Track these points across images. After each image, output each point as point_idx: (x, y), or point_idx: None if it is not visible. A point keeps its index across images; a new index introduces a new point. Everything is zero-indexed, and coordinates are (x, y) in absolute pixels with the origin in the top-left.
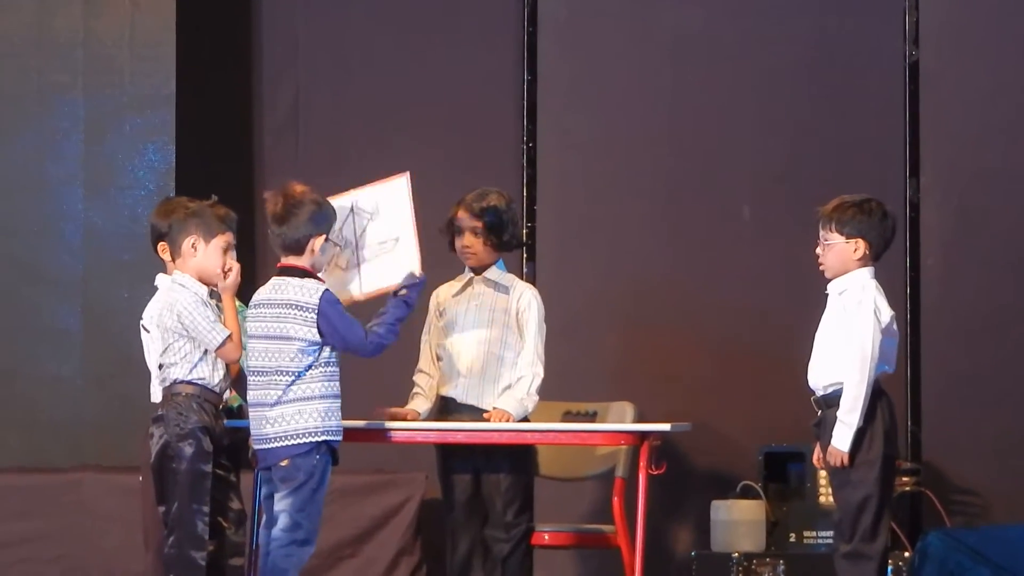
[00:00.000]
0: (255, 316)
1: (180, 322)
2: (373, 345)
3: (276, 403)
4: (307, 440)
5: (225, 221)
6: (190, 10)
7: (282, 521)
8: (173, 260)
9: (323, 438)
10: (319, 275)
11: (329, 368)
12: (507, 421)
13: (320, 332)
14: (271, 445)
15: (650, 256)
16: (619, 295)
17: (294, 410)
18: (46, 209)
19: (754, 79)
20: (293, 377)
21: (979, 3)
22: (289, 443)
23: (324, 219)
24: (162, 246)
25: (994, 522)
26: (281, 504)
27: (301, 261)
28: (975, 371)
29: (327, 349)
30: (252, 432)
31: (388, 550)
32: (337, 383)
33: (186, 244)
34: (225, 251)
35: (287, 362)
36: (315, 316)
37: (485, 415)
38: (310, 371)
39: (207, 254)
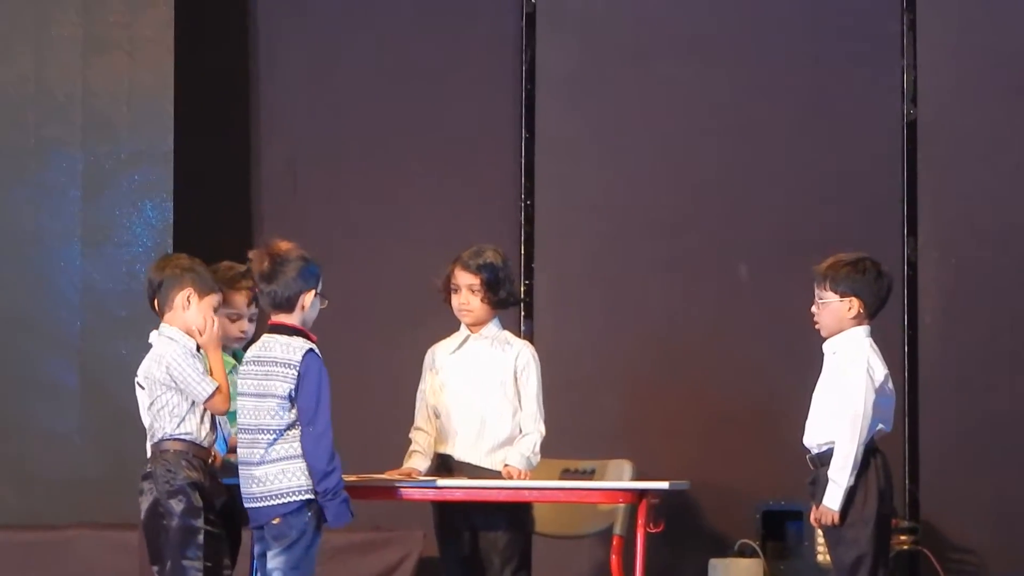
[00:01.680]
0: (245, 373)
1: (169, 374)
2: (325, 451)
3: (260, 462)
4: (293, 499)
5: (219, 282)
6: (188, 66)
7: None
8: (162, 314)
9: (308, 496)
10: (309, 332)
11: (297, 430)
12: (523, 477)
13: (295, 389)
14: (259, 504)
15: (648, 314)
16: (617, 353)
17: (278, 469)
18: (43, 264)
19: (752, 136)
20: (275, 435)
21: (977, 62)
22: (275, 503)
23: (312, 274)
24: (157, 301)
25: None
26: (274, 562)
27: (291, 319)
28: (973, 429)
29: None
30: (241, 491)
31: None
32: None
33: (179, 297)
34: (215, 310)
35: (269, 419)
36: (296, 373)
37: (504, 472)
38: (292, 429)
39: (198, 309)
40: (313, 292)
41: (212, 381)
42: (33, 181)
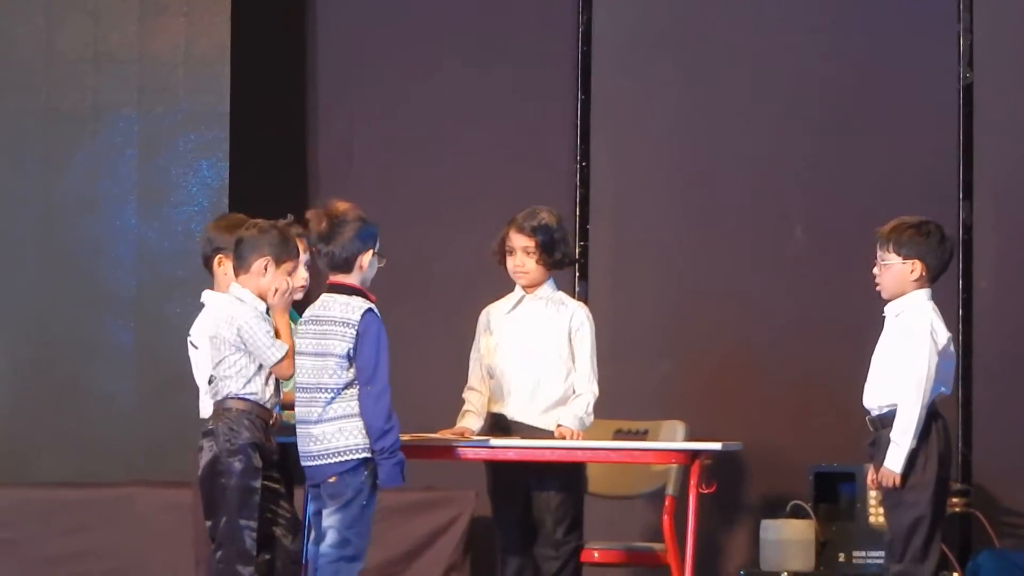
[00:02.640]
0: (303, 333)
1: (240, 336)
2: (383, 410)
3: (318, 420)
4: (350, 458)
5: (295, 248)
6: (245, 28)
7: (330, 537)
8: (236, 275)
9: (365, 455)
10: (368, 292)
11: (355, 389)
12: (576, 438)
13: (354, 348)
14: (316, 463)
15: (702, 275)
16: (671, 314)
17: (335, 428)
18: (100, 226)
19: (808, 100)
20: (333, 394)
21: None
22: (332, 461)
23: (370, 235)
24: (219, 259)
25: None
26: (329, 520)
27: (350, 278)
28: None
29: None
30: (299, 449)
31: (437, 568)
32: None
33: (257, 264)
34: (290, 275)
35: (327, 378)
36: (355, 332)
37: (557, 433)
38: (350, 388)
39: (275, 276)
40: (371, 252)
41: (282, 345)
42: (90, 143)
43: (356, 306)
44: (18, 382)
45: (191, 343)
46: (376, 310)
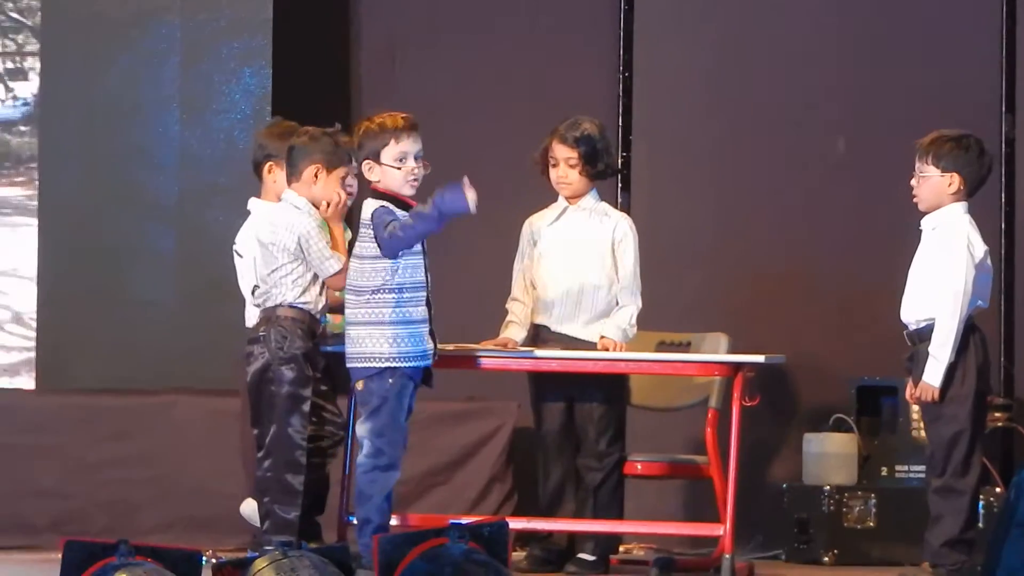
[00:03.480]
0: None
1: (299, 245)
2: (387, 245)
3: (353, 323)
4: (374, 365)
5: (348, 153)
6: None
7: (365, 447)
8: (289, 183)
9: (389, 364)
10: (402, 196)
11: (405, 294)
12: (619, 349)
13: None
14: (350, 365)
15: (745, 187)
16: (714, 226)
17: (365, 332)
18: (142, 132)
19: (852, 12)
20: (365, 296)
21: None
22: (359, 365)
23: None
24: (270, 167)
25: None
26: (362, 429)
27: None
28: None
29: (398, 272)
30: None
31: (480, 478)
32: (418, 308)
33: (308, 171)
34: (342, 182)
35: (359, 280)
36: (371, 230)
37: (600, 344)
38: (379, 294)
39: (327, 184)
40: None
41: (339, 257)
42: (133, 49)
43: (371, 204)
44: (59, 287)
45: (236, 252)
46: (390, 206)
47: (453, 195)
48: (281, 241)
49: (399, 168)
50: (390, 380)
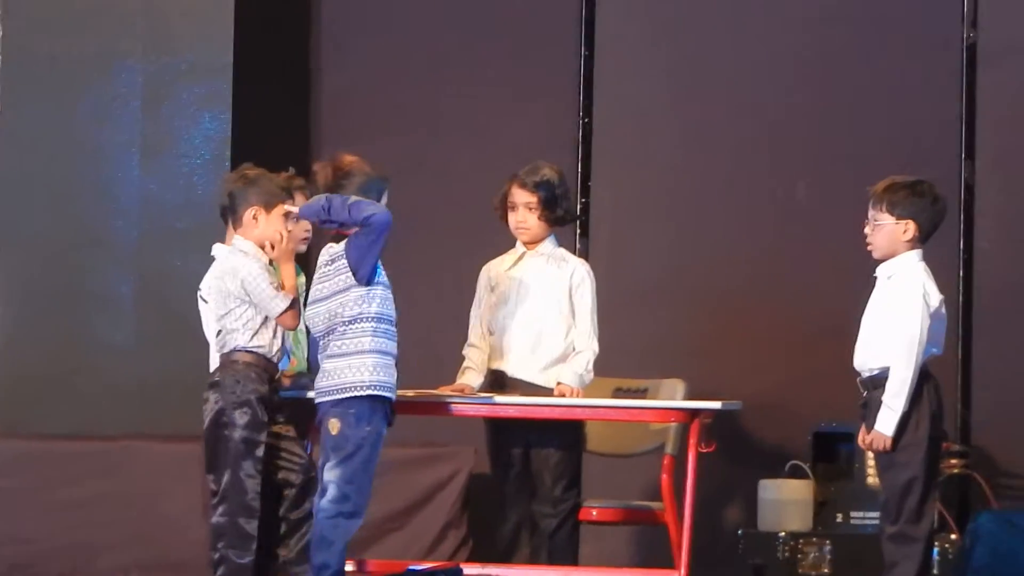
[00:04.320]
0: (321, 276)
1: (243, 288)
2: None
3: (329, 356)
4: (354, 394)
5: (286, 189)
6: None
7: (330, 492)
8: (234, 228)
9: (369, 392)
10: None
11: (382, 325)
12: (576, 395)
13: (348, 259)
14: (323, 399)
15: (703, 233)
16: (672, 271)
17: (344, 363)
18: (103, 175)
19: (812, 58)
20: (344, 328)
21: None
22: (336, 397)
23: (374, 187)
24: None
25: None
26: (330, 474)
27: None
28: None
29: (375, 302)
30: (315, 387)
31: (435, 523)
32: (391, 341)
33: (247, 214)
34: (285, 219)
35: (339, 315)
36: (344, 256)
37: (557, 390)
38: (358, 324)
39: (268, 224)
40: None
41: (286, 296)
42: (94, 92)
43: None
44: (18, 330)
45: (201, 297)
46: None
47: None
48: (227, 287)
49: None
50: (367, 427)
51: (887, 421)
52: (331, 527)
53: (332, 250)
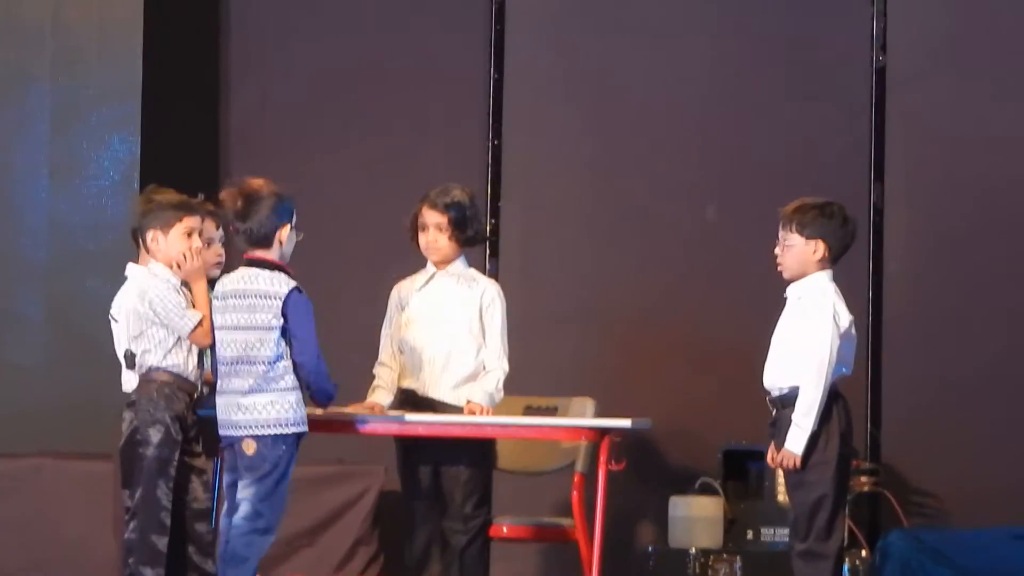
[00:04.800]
0: (225, 307)
1: (152, 308)
2: (322, 374)
3: (248, 391)
4: (279, 432)
5: (182, 207)
6: (158, 2)
7: (243, 509)
8: (146, 254)
9: (293, 430)
10: (287, 267)
11: (288, 361)
12: (486, 414)
13: (284, 317)
14: (240, 432)
15: (613, 253)
16: (582, 291)
17: (267, 400)
18: (10, 197)
19: (722, 81)
20: (266, 367)
21: (946, 10)
22: (257, 433)
23: (286, 209)
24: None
25: (951, 524)
26: (244, 492)
27: (270, 254)
28: (935, 375)
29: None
30: (220, 419)
31: (346, 540)
32: (295, 375)
33: (149, 238)
34: (189, 236)
35: (260, 351)
36: (280, 304)
37: (467, 409)
38: (281, 362)
39: (169, 244)
40: (288, 226)
41: (195, 314)
42: (2, 115)
43: (282, 281)
44: None
45: (112, 317)
46: (300, 288)
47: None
48: (137, 308)
49: (298, 239)
50: (283, 447)
51: (796, 439)
52: (245, 544)
53: (254, 278)
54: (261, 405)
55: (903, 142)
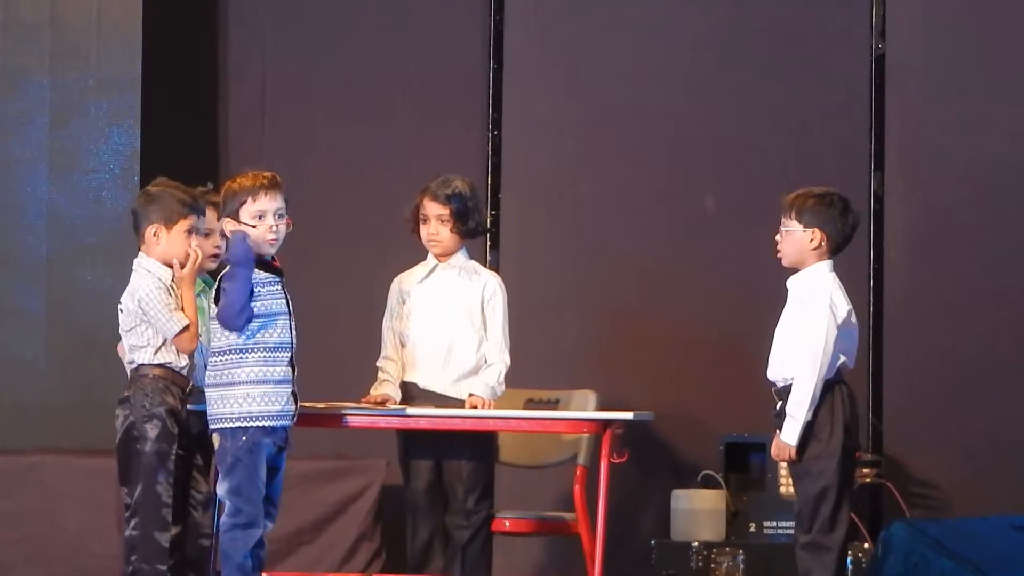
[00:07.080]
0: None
1: (140, 307)
2: (220, 319)
3: (209, 385)
4: (227, 425)
5: (189, 205)
6: None
7: (227, 507)
8: (140, 246)
9: (240, 424)
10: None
11: (258, 353)
12: (488, 407)
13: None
14: (210, 427)
15: (614, 245)
16: (583, 283)
17: (217, 394)
18: (10, 190)
19: (720, 69)
20: (216, 358)
21: None
22: (214, 426)
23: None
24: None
25: (953, 515)
26: (221, 489)
27: None
28: (937, 364)
29: (252, 332)
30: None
31: (348, 536)
32: (277, 368)
33: (148, 232)
34: (189, 235)
35: (217, 342)
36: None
37: (468, 402)
38: (228, 355)
39: (171, 241)
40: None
41: (182, 318)
42: (1, 109)
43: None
44: None
45: (120, 309)
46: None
47: (234, 247)
48: (127, 305)
49: (255, 227)
50: (243, 438)
51: (790, 430)
52: (229, 541)
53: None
54: (215, 399)
55: (902, 130)
